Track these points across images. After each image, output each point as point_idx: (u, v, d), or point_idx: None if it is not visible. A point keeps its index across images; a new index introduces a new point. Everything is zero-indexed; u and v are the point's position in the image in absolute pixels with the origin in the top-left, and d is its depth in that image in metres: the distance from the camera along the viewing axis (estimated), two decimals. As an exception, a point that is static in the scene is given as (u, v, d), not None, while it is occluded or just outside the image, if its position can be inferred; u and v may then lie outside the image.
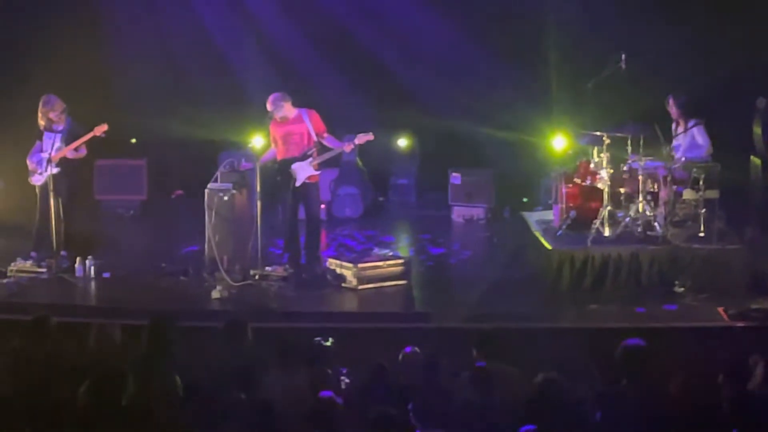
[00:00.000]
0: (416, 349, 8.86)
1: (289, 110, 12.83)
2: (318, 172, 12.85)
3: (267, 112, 12.85)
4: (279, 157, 12.88)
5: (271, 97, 12.83)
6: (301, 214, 13.19)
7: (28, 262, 13.11)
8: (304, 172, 12.79)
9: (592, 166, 13.04)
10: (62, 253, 13.15)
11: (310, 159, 12.77)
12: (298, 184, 12.80)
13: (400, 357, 8.77)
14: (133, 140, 17.85)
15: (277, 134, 12.90)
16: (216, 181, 13.13)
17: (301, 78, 16.64)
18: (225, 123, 16.48)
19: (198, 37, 17.51)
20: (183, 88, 17.41)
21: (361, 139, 12.84)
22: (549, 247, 12.83)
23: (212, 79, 17.38)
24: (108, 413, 7.47)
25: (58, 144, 13.08)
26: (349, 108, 16.90)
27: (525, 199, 16.43)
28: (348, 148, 12.88)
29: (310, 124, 12.79)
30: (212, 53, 17.53)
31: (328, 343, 9.20)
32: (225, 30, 17.51)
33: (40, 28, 16.84)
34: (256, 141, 13.04)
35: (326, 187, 16.48)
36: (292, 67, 17.07)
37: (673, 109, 13.25)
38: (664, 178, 12.87)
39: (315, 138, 12.82)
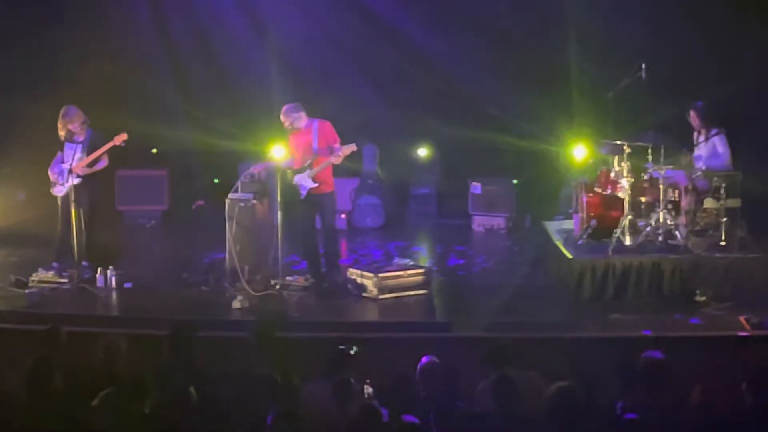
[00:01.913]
0: (434, 358, 8.85)
1: (302, 121, 12.78)
2: (316, 184, 12.71)
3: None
4: (295, 167, 12.85)
5: (284, 108, 12.81)
6: (319, 224, 13.17)
7: (50, 273, 13.15)
8: (304, 184, 12.74)
9: (612, 175, 13.02)
10: (84, 263, 13.18)
11: (308, 171, 12.71)
12: (302, 197, 12.75)
13: (419, 367, 8.75)
14: (154, 150, 17.92)
15: (293, 145, 12.88)
16: (236, 191, 13.15)
17: (321, 87, 16.69)
18: (245, 133, 16.54)
19: (218, 46, 17.58)
20: (203, 99, 17.49)
21: (345, 150, 12.66)
22: (570, 256, 12.81)
23: (232, 89, 17.45)
24: (129, 423, 7.50)
25: (79, 155, 13.11)
26: (370, 117, 16.95)
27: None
28: (336, 160, 12.70)
29: (317, 136, 12.71)
30: (232, 63, 17.59)
31: (353, 352, 9.19)
32: (245, 39, 17.55)
33: (61, 40, 16.93)
34: (276, 150, 13.02)
35: (347, 197, 16.50)
36: (313, 76, 17.12)
37: (695, 120, 13.20)
38: (685, 187, 12.84)
39: (316, 149, 12.74)
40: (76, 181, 13.05)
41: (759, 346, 10.79)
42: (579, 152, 14.70)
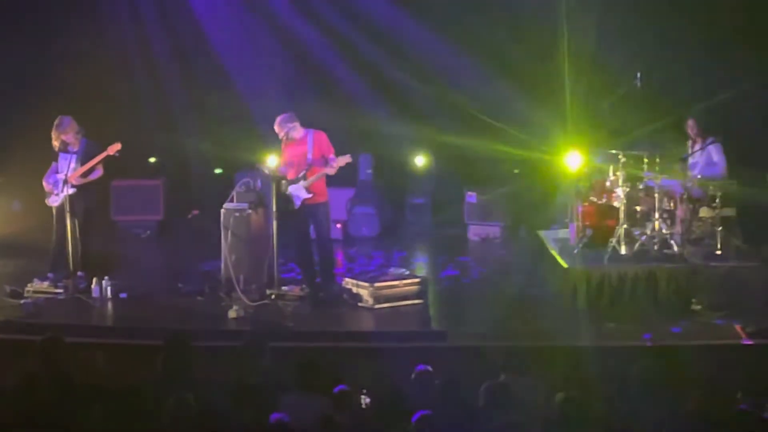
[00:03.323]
0: (428, 367, 8.84)
1: (296, 131, 12.76)
2: (310, 195, 12.70)
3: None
4: (289, 178, 12.83)
5: (278, 119, 12.80)
6: (314, 234, 13.15)
7: (45, 283, 13.13)
8: (298, 194, 12.72)
9: (608, 184, 13.03)
10: (79, 273, 13.17)
11: (303, 181, 12.68)
12: (296, 206, 12.73)
13: (413, 376, 8.74)
14: (153, 159, 17.92)
15: (286, 155, 12.86)
16: (232, 200, 13.14)
17: (317, 96, 16.72)
18: (241, 143, 16.53)
19: (214, 57, 17.60)
20: (199, 109, 17.51)
21: (341, 161, 12.65)
22: (565, 265, 12.80)
23: (227, 99, 17.46)
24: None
25: (74, 165, 13.10)
26: (365, 126, 16.96)
27: None
28: (331, 171, 12.69)
29: (311, 146, 12.69)
30: (228, 73, 17.61)
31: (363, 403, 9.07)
32: (240, 49, 17.58)
33: (56, 50, 16.94)
34: (271, 160, 13.00)
35: (343, 207, 16.49)
36: (308, 85, 17.15)
37: (693, 129, 13.19)
38: (681, 195, 12.84)
39: (310, 160, 12.71)
40: (71, 191, 13.05)
41: (754, 355, 10.80)
42: (574, 161, 14.71)
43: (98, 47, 17.13)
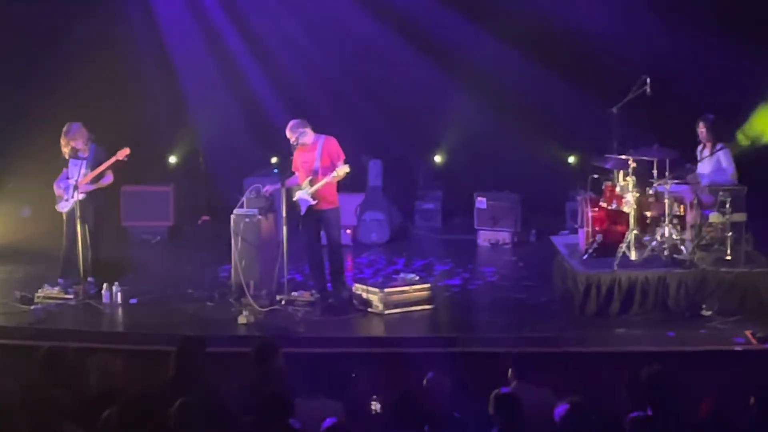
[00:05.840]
0: (440, 373, 8.83)
1: (307, 137, 12.73)
2: (315, 201, 12.65)
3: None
4: (298, 183, 12.81)
5: (289, 124, 12.78)
6: (324, 239, 13.14)
7: (56, 289, 13.15)
8: (304, 201, 12.69)
9: (617, 189, 12.99)
10: (89, 279, 13.20)
11: (308, 188, 12.64)
12: (302, 213, 12.70)
13: (424, 382, 8.74)
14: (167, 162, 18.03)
15: (298, 161, 12.85)
16: (242, 206, 13.15)
17: (327, 103, 16.75)
18: (250, 148, 16.58)
19: (224, 61, 17.66)
20: (208, 114, 17.57)
21: (339, 171, 12.46)
22: (575, 271, 12.78)
23: (238, 104, 17.52)
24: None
25: (84, 170, 13.14)
26: (375, 132, 16.99)
27: None
28: (333, 180, 12.65)
29: (320, 153, 12.67)
30: (239, 76, 17.68)
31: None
32: (251, 58, 17.63)
33: (69, 57, 16.99)
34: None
35: (352, 213, 16.48)
36: (319, 92, 17.19)
37: (703, 133, 13.17)
38: (691, 201, 12.81)
39: (317, 166, 12.66)
40: (82, 196, 13.07)
41: (766, 361, 10.77)
42: (585, 166, 14.71)
43: (108, 51, 17.16)
